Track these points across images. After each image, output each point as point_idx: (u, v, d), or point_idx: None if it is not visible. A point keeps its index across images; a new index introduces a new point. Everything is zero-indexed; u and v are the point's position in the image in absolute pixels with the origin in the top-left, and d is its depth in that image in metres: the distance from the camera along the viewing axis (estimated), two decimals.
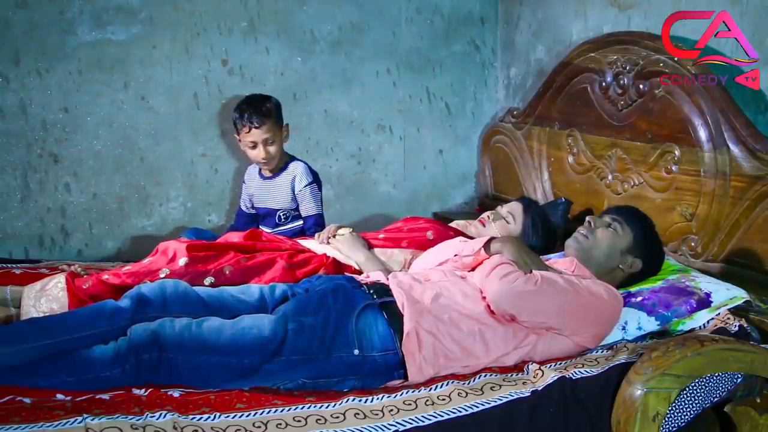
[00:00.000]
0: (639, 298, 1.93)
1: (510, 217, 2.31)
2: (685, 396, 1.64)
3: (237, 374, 1.54)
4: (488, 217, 2.35)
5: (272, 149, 2.46)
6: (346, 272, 2.07)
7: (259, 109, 2.43)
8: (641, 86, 2.35)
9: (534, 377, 1.62)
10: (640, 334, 1.88)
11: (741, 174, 2.07)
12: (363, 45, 2.95)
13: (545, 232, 2.30)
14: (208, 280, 1.94)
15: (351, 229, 2.27)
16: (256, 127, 2.41)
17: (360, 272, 2.10)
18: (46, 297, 1.83)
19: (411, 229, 2.35)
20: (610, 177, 2.52)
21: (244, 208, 2.66)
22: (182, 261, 1.96)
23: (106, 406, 1.39)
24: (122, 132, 2.63)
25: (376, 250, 2.23)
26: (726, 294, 1.90)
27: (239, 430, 1.36)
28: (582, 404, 1.57)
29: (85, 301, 1.82)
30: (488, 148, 3.15)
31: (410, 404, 1.50)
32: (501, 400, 1.53)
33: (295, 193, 2.53)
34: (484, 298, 1.75)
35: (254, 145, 2.45)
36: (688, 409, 1.65)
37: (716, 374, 1.67)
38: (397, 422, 1.43)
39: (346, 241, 2.21)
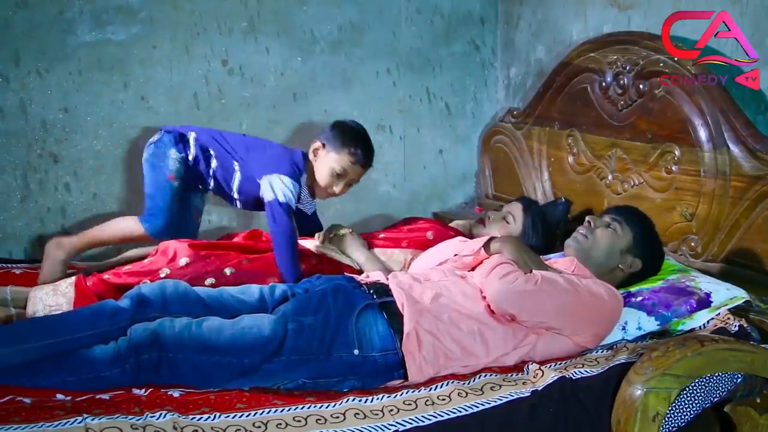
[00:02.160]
0: (639, 298, 1.93)
1: (510, 217, 2.31)
2: (685, 396, 1.64)
3: (237, 374, 1.54)
4: (488, 217, 2.35)
5: (347, 190, 2.31)
6: (346, 272, 2.07)
7: (373, 151, 2.29)
8: (641, 86, 2.35)
9: (534, 377, 1.62)
10: (640, 334, 1.89)
11: (741, 174, 2.07)
12: (363, 45, 2.95)
13: (545, 232, 2.30)
14: (209, 281, 1.94)
15: (350, 229, 2.27)
16: (363, 167, 2.25)
17: (359, 272, 2.10)
18: (54, 291, 1.84)
19: (411, 229, 2.36)
20: (610, 177, 2.52)
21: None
22: (183, 261, 1.97)
23: (106, 406, 1.39)
24: (122, 132, 2.62)
25: (376, 250, 2.23)
26: (726, 294, 1.90)
27: (239, 430, 1.36)
28: (582, 404, 1.58)
29: (90, 297, 1.82)
30: (488, 148, 3.15)
31: (410, 404, 1.50)
32: (501, 400, 1.53)
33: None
34: (484, 297, 1.75)
35: (344, 178, 2.23)
36: (688, 409, 1.66)
37: (716, 374, 1.68)
38: (397, 422, 1.43)
39: (346, 241, 2.21)
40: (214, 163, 2.21)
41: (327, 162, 2.22)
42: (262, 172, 2.15)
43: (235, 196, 2.24)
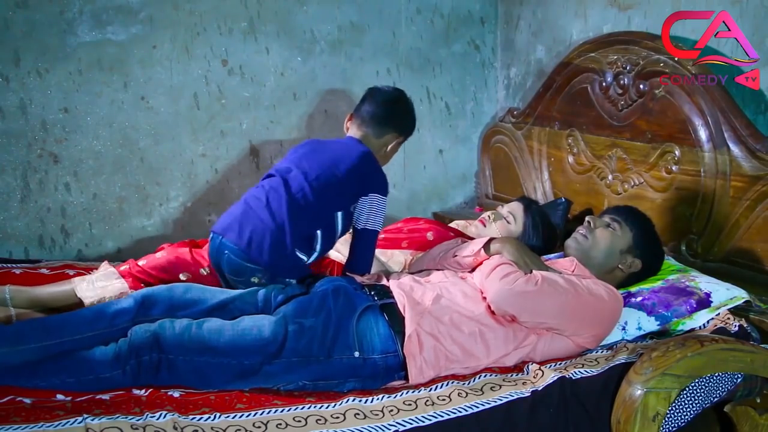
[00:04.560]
0: (639, 298, 1.93)
1: (510, 217, 2.31)
2: (685, 396, 1.64)
3: (237, 375, 1.54)
4: (488, 217, 2.35)
5: None
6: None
7: None
8: (641, 86, 2.35)
9: (534, 377, 1.62)
10: (640, 334, 1.89)
11: (741, 174, 2.07)
12: (363, 45, 2.95)
13: (545, 232, 2.30)
14: (184, 276, 1.95)
15: (350, 230, 2.27)
16: None
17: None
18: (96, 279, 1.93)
19: (411, 229, 2.35)
20: (610, 177, 2.52)
21: None
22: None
23: (106, 406, 1.39)
24: (122, 132, 2.62)
25: (376, 250, 2.22)
26: (726, 294, 1.90)
27: (239, 430, 1.36)
28: (582, 404, 1.58)
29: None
30: (488, 148, 3.15)
31: (410, 404, 1.50)
32: (501, 400, 1.53)
33: None
34: (484, 298, 1.75)
35: None
36: (688, 409, 1.66)
37: (716, 374, 1.68)
38: (397, 422, 1.43)
39: (347, 243, 2.20)
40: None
41: (398, 146, 2.21)
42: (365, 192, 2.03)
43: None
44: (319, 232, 1.95)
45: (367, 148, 2.07)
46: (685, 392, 1.63)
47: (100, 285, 1.91)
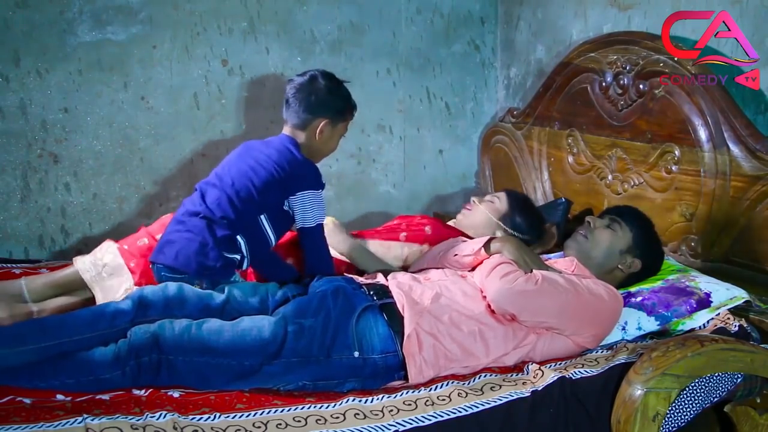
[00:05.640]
0: (639, 298, 1.93)
1: (495, 198, 2.33)
2: (685, 396, 1.64)
3: (237, 376, 1.54)
4: (473, 201, 2.37)
5: None
6: (344, 273, 2.07)
7: None
8: (641, 86, 2.35)
9: (534, 377, 1.62)
10: (640, 334, 1.89)
11: (741, 174, 2.07)
12: (363, 45, 2.95)
13: (530, 215, 2.29)
14: None
15: (333, 219, 2.22)
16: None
17: (358, 273, 2.10)
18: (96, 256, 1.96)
19: (409, 224, 2.35)
20: (610, 177, 2.52)
21: None
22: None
23: (106, 406, 1.39)
24: (122, 132, 2.62)
25: (374, 242, 2.21)
26: (726, 294, 1.90)
27: (239, 430, 1.36)
28: (582, 404, 1.58)
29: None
30: (488, 148, 3.15)
31: (410, 404, 1.50)
32: (501, 400, 1.53)
33: None
34: (484, 297, 1.75)
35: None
36: (688, 409, 1.66)
37: (716, 374, 1.68)
38: (397, 422, 1.43)
39: (329, 232, 2.14)
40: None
41: (336, 133, 2.07)
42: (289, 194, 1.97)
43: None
44: (239, 237, 1.88)
45: (290, 148, 1.98)
46: (685, 392, 1.63)
47: (109, 284, 1.91)
